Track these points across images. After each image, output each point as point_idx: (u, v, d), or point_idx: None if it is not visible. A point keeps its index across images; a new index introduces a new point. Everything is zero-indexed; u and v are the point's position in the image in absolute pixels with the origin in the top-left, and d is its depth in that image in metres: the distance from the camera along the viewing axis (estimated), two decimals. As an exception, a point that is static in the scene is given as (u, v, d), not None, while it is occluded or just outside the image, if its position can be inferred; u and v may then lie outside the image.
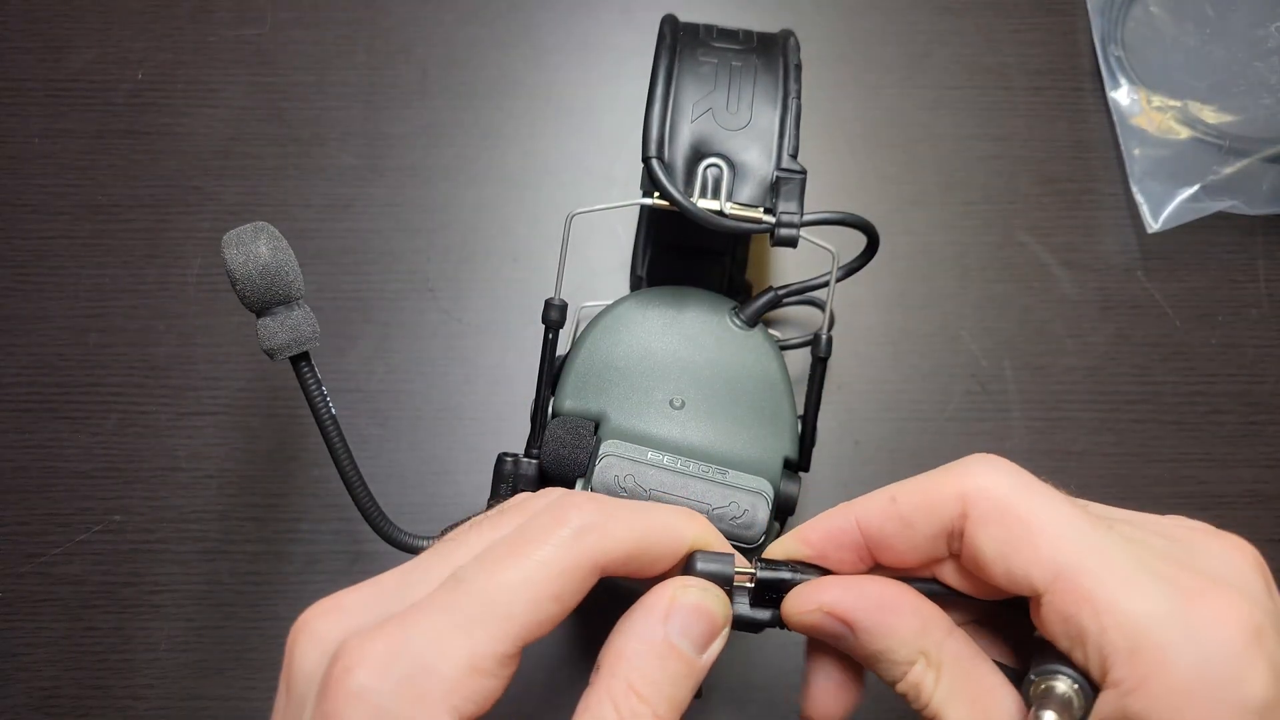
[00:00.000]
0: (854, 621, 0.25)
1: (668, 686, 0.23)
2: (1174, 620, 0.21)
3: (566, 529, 0.23)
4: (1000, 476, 0.24)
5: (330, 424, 0.33)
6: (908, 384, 0.50)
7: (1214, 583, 0.22)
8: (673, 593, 0.24)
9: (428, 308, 0.50)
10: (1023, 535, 0.23)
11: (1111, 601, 0.21)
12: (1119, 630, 0.21)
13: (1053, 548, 0.22)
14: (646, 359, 0.37)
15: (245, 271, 0.31)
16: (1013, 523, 0.23)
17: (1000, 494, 0.23)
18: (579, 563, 0.23)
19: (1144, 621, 0.21)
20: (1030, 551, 0.23)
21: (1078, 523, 0.23)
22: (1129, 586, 0.21)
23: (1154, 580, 0.22)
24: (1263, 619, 0.21)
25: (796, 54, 0.37)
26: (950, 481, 0.24)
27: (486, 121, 0.54)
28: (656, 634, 0.24)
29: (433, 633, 0.22)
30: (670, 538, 0.25)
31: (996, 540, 0.23)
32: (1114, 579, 0.22)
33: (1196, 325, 0.51)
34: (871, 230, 0.36)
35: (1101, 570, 0.22)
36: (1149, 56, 0.54)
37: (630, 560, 0.24)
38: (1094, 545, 0.22)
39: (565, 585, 0.23)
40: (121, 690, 0.45)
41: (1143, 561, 0.22)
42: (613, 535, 0.24)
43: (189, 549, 0.46)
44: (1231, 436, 0.49)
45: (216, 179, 0.52)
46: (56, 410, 0.48)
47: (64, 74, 0.54)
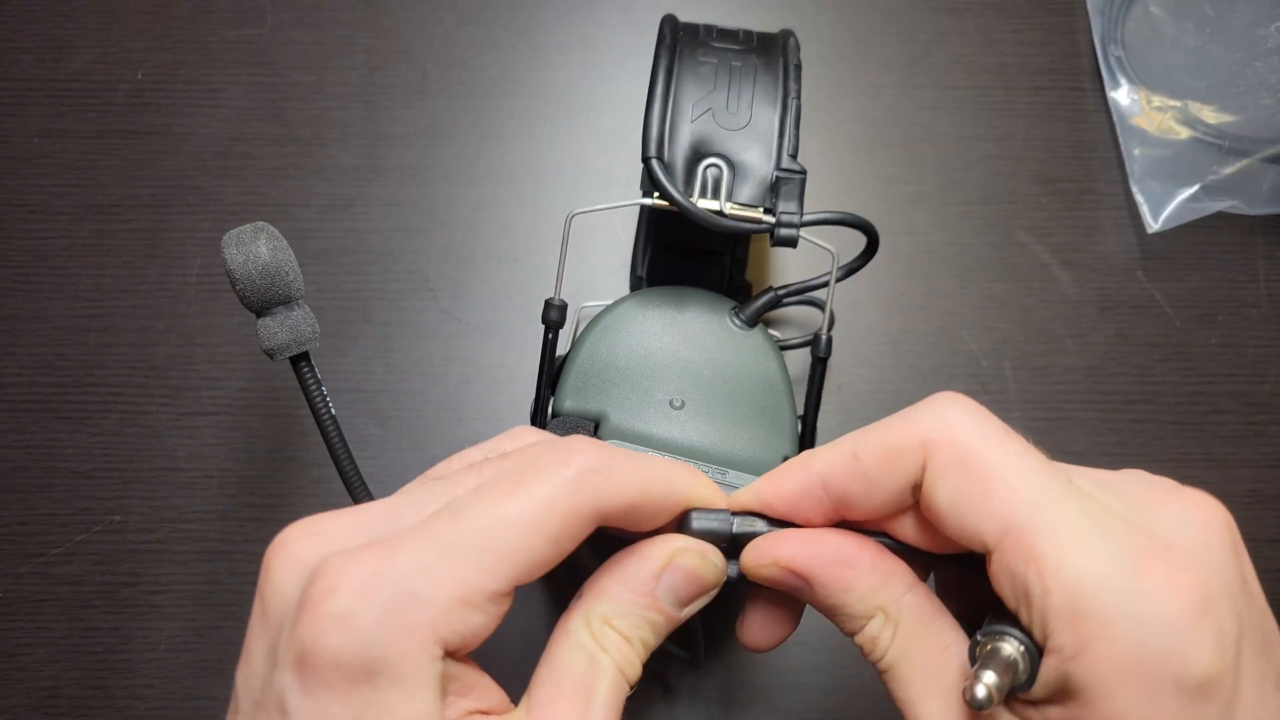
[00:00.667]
0: (810, 576, 0.25)
1: (645, 632, 0.24)
2: (1119, 586, 0.20)
3: (570, 470, 0.23)
4: (963, 421, 0.23)
5: (330, 424, 0.33)
6: (908, 384, 0.50)
7: (1166, 548, 0.21)
8: (672, 552, 0.24)
9: (428, 308, 0.50)
10: (978, 487, 0.22)
11: (1057, 561, 0.21)
12: (1062, 593, 0.20)
13: (1005, 502, 0.22)
14: (646, 359, 0.37)
15: (245, 271, 0.31)
16: (970, 474, 0.22)
17: (961, 442, 0.23)
18: (579, 507, 0.22)
19: (1088, 586, 0.20)
20: (983, 504, 0.22)
21: (1035, 476, 0.22)
22: (1077, 547, 0.21)
23: (1105, 541, 0.21)
24: (1215, 587, 0.20)
25: (796, 54, 0.37)
26: (911, 429, 0.24)
27: (486, 121, 0.54)
28: (646, 586, 0.24)
29: (423, 560, 0.21)
30: (669, 492, 0.25)
31: (952, 492, 0.23)
32: (1063, 538, 0.21)
33: (1196, 325, 0.51)
34: (871, 230, 0.36)
35: (1051, 528, 0.21)
36: (1149, 56, 0.54)
37: (630, 511, 0.24)
38: (1048, 501, 0.21)
39: (564, 528, 0.22)
40: (121, 690, 0.45)
41: (1096, 520, 0.21)
42: (615, 482, 0.23)
43: (189, 549, 0.46)
44: (1231, 436, 0.49)
45: (216, 179, 0.52)
46: (56, 410, 0.48)
47: (64, 74, 0.54)
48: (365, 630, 0.20)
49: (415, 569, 0.21)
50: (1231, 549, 0.22)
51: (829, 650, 0.45)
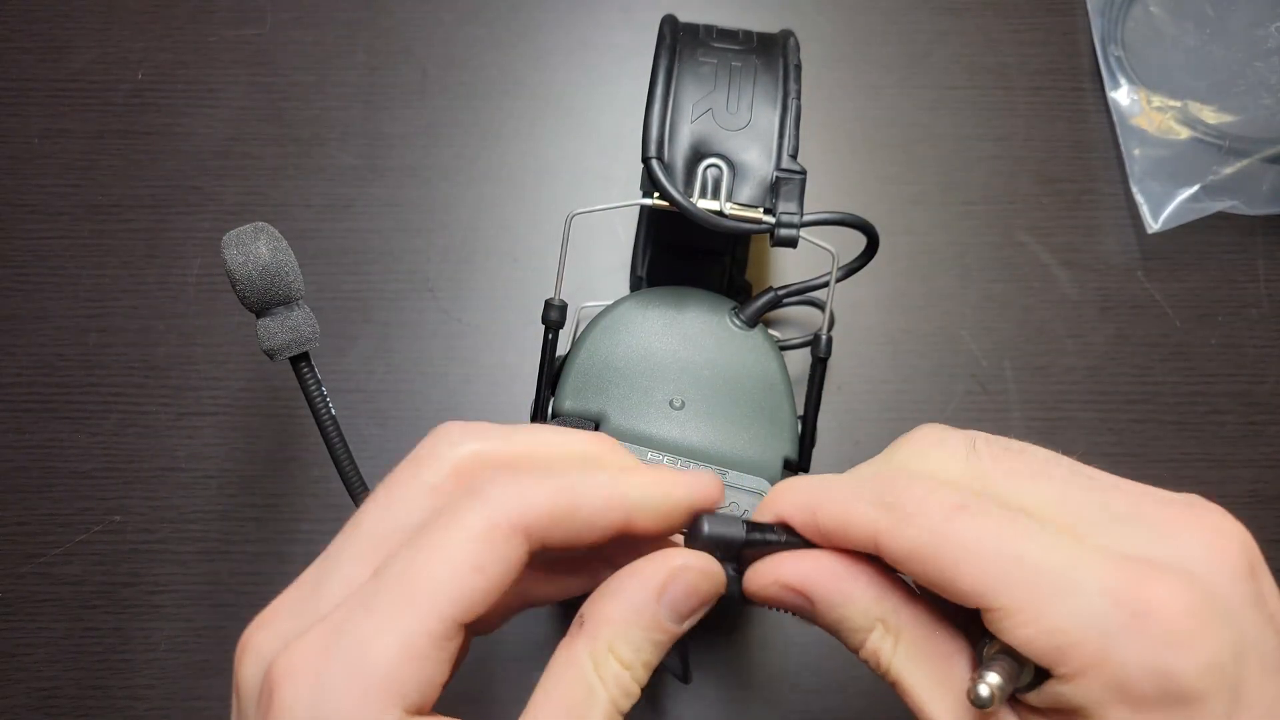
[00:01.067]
0: (811, 594, 0.25)
1: (647, 654, 0.24)
2: (1108, 621, 0.21)
3: (479, 499, 0.23)
4: (912, 512, 0.23)
5: (330, 424, 0.33)
6: (908, 384, 0.50)
7: (1159, 571, 0.21)
8: (672, 570, 0.24)
9: (428, 308, 0.50)
10: (939, 567, 0.23)
11: (1035, 617, 0.21)
12: (1046, 642, 0.21)
13: (972, 573, 0.22)
14: (646, 359, 0.37)
15: (245, 272, 0.31)
16: (926, 556, 0.23)
17: (909, 534, 0.23)
18: (493, 528, 0.22)
19: (1069, 630, 0.21)
20: (953, 583, 0.22)
21: (999, 538, 0.22)
22: (1054, 596, 0.21)
23: (1087, 581, 0.21)
24: (1209, 605, 0.21)
25: (796, 54, 0.37)
26: (867, 515, 0.24)
27: (486, 121, 0.54)
28: (648, 608, 0.24)
29: (361, 627, 0.22)
30: (603, 497, 0.24)
31: (917, 574, 0.23)
32: (1036, 598, 0.21)
33: (1196, 325, 0.51)
34: (871, 230, 0.36)
35: (1022, 592, 0.21)
36: (1149, 56, 0.54)
37: (557, 523, 0.23)
38: (1014, 558, 0.22)
39: (484, 554, 0.22)
40: (121, 690, 0.45)
41: (1076, 562, 0.22)
42: (529, 498, 0.23)
43: (189, 549, 0.46)
44: (1231, 436, 0.49)
45: (216, 179, 0.52)
46: (56, 410, 0.48)
47: (64, 74, 0.54)
48: (321, 709, 0.21)
49: (356, 639, 0.21)
50: (1245, 570, 0.22)
51: (829, 651, 0.45)
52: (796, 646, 0.45)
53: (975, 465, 0.25)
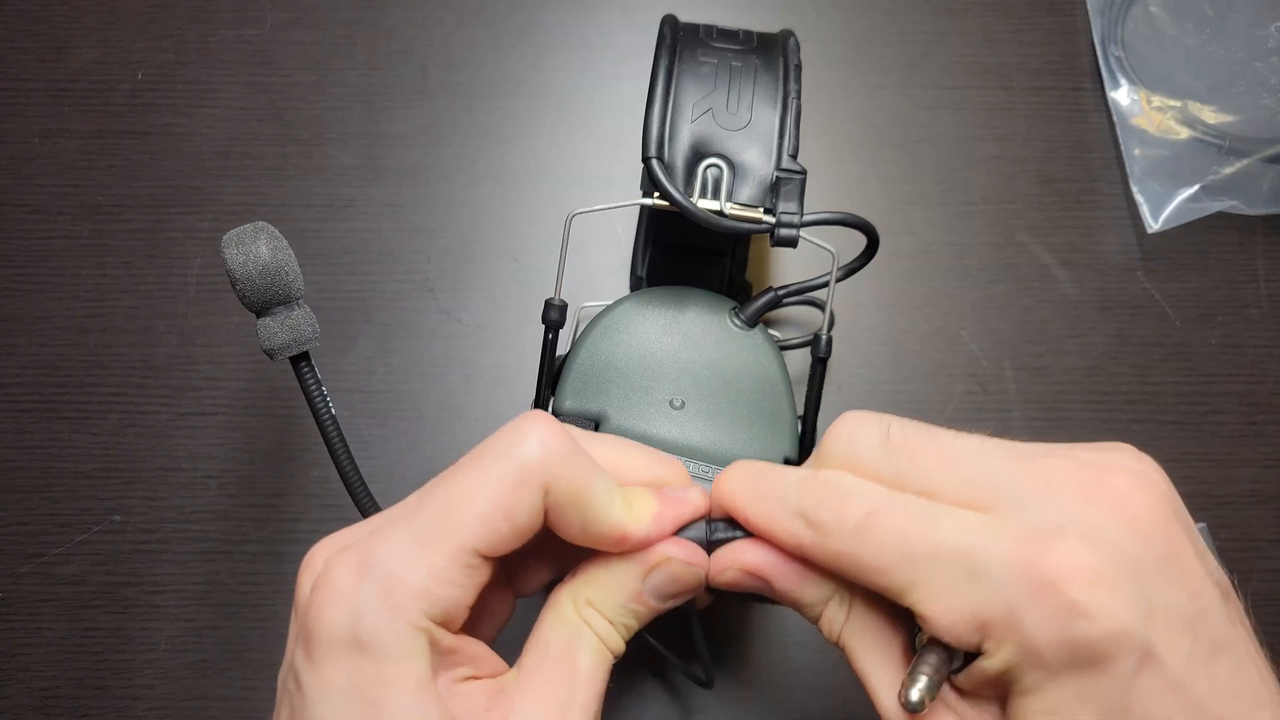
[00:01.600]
0: (768, 577, 0.27)
1: (625, 618, 0.27)
2: (1010, 594, 0.22)
3: (521, 443, 0.25)
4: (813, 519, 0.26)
5: (330, 424, 0.33)
6: (908, 384, 0.50)
7: (1057, 536, 0.22)
8: (661, 557, 0.27)
9: (428, 308, 0.50)
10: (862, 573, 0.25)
11: (950, 602, 0.23)
12: (964, 623, 0.23)
13: (891, 578, 0.24)
14: (646, 359, 0.37)
15: (245, 271, 0.31)
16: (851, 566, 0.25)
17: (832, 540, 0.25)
18: (527, 477, 0.25)
19: (982, 609, 0.23)
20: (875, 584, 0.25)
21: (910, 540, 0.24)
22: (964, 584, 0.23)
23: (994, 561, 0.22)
24: (1103, 565, 0.22)
25: (796, 54, 0.37)
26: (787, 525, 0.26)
27: (486, 121, 0.54)
28: (632, 582, 0.27)
29: (397, 546, 0.24)
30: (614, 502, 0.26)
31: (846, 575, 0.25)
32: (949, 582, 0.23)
33: (1196, 325, 0.51)
34: (871, 230, 0.36)
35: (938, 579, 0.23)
36: (1149, 56, 0.54)
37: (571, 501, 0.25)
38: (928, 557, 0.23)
39: (512, 498, 0.25)
40: (121, 690, 0.45)
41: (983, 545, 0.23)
42: (564, 456, 0.25)
43: (189, 549, 0.46)
44: (1231, 436, 0.49)
45: (216, 179, 0.52)
46: (56, 410, 0.48)
47: (64, 74, 0.54)
48: (354, 610, 0.23)
49: (391, 556, 0.24)
50: (1159, 525, 0.23)
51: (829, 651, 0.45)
52: (795, 647, 0.45)
53: (889, 453, 0.26)
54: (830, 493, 0.26)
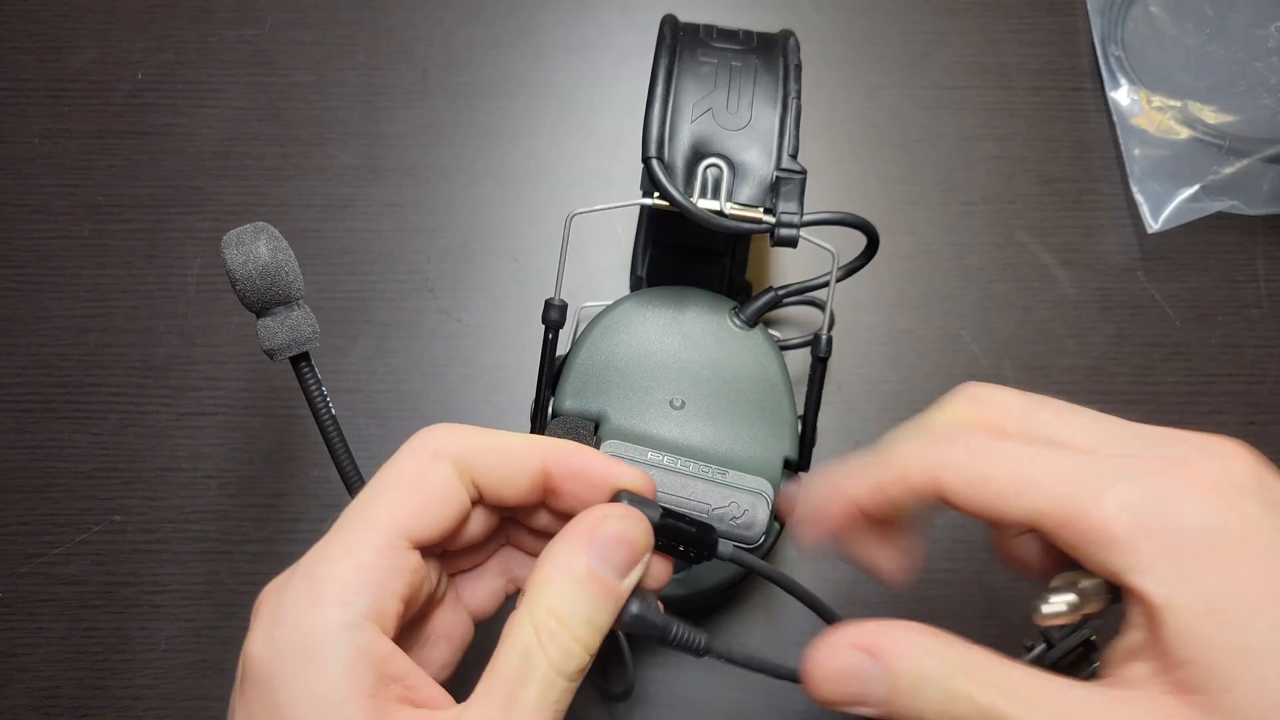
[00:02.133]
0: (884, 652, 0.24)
1: (586, 609, 0.24)
2: (1142, 506, 0.23)
3: (413, 440, 0.26)
4: (961, 449, 0.25)
5: (330, 424, 0.33)
6: (908, 384, 0.50)
7: (1179, 461, 0.23)
8: (594, 520, 0.25)
9: (428, 308, 0.50)
10: (993, 495, 0.24)
11: (1080, 517, 0.23)
12: (1095, 535, 0.23)
13: (1018, 495, 0.24)
14: (646, 359, 0.37)
15: (245, 272, 0.31)
16: (979, 487, 0.24)
17: (964, 466, 0.25)
18: (423, 456, 0.26)
19: (1113, 520, 0.23)
20: (1004, 505, 0.24)
21: (1037, 462, 0.24)
22: (1091, 499, 0.23)
23: (1118, 481, 0.23)
24: (1223, 477, 0.23)
25: (796, 54, 0.37)
26: (923, 462, 0.26)
27: (486, 121, 0.54)
28: (578, 561, 0.25)
29: (319, 553, 0.24)
30: (522, 441, 0.27)
31: (975, 501, 0.25)
32: (1076, 498, 0.23)
33: (1196, 325, 0.51)
34: (871, 230, 0.36)
35: (1064, 496, 0.23)
36: (1149, 56, 0.54)
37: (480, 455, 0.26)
38: (1053, 476, 0.24)
39: (417, 475, 0.25)
40: (121, 690, 0.45)
41: (1106, 469, 0.24)
42: (455, 434, 0.26)
43: (189, 549, 0.46)
44: (1231, 437, 0.49)
45: (216, 179, 0.52)
46: (56, 410, 0.48)
47: (64, 74, 0.54)
48: (276, 621, 0.23)
49: (313, 561, 0.24)
50: (1257, 476, 0.24)
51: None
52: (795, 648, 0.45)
53: (1019, 405, 0.26)
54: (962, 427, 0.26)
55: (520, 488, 0.27)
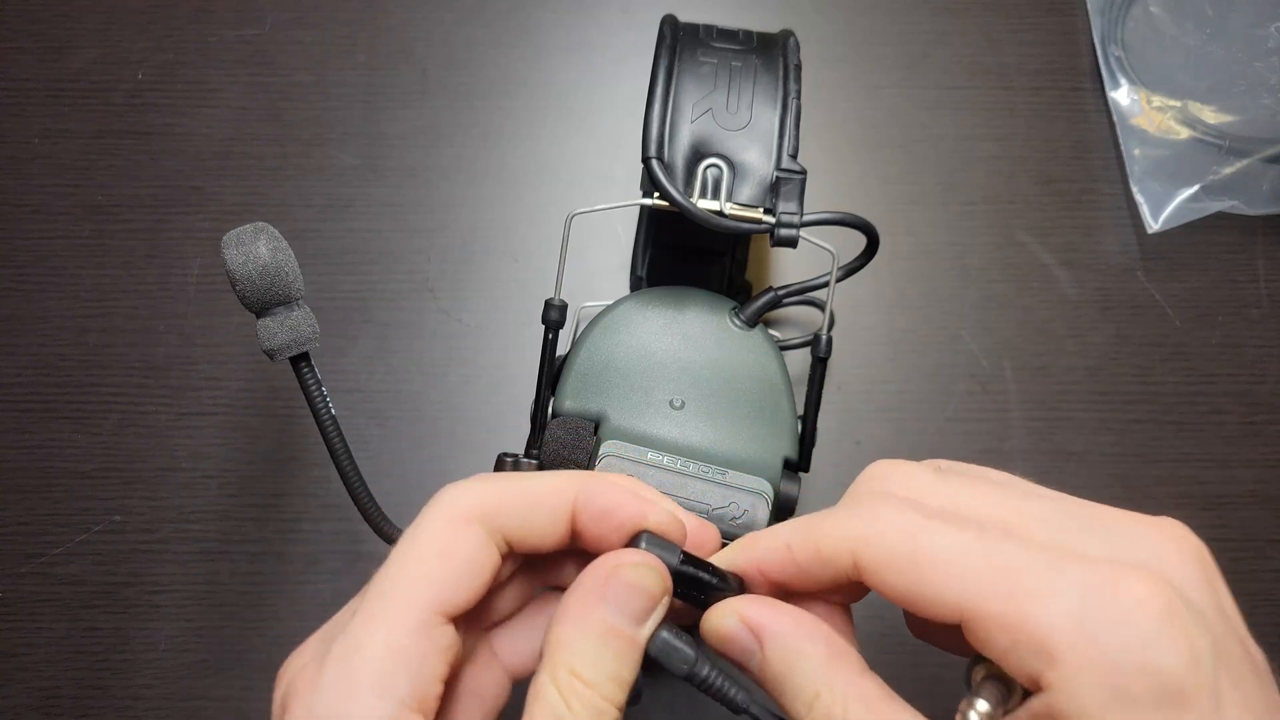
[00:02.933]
0: (766, 633, 0.24)
1: (610, 666, 0.23)
2: (1084, 618, 0.21)
3: (435, 503, 0.25)
4: (885, 525, 0.23)
5: (330, 424, 0.33)
6: (908, 384, 0.50)
7: (1131, 568, 0.21)
8: (607, 570, 0.24)
9: (428, 308, 0.50)
10: (917, 580, 0.22)
11: (1015, 619, 0.21)
12: (1031, 643, 0.21)
13: (947, 584, 0.22)
14: (646, 359, 0.37)
15: (245, 272, 0.31)
16: (902, 569, 0.23)
17: (883, 545, 0.23)
18: (450, 520, 0.24)
19: (1053, 629, 0.21)
20: (930, 593, 0.22)
21: (970, 550, 0.22)
22: (1030, 600, 0.21)
23: (1059, 584, 0.21)
24: (1181, 600, 0.21)
25: (796, 54, 0.37)
26: (839, 530, 0.24)
27: (486, 121, 0.54)
28: (594, 615, 0.24)
29: (349, 633, 0.23)
30: (549, 485, 0.25)
31: (895, 585, 0.23)
32: (1013, 597, 0.21)
33: (1196, 325, 0.51)
34: (871, 230, 0.36)
35: (998, 593, 0.21)
36: (1149, 56, 0.54)
37: (509, 510, 0.25)
38: (988, 568, 0.22)
39: (447, 543, 0.24)
40: (121, 690, 0.45)
41: (1048, 567, 0.21)
42: (479, 490, 0.25)
43: (189, 549, 0.46)
44: (1231, 436, 0.49)
45: (216, 179, 0.52)
46: (56, 410, 0.48)
47: (64, 74, 0.54)
48: (311, 714, 0.22)
49: (346, 644, 0.23)
50: (1203, 577, 0.22)
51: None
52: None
53: (941, 485, 0.24)
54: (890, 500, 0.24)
55: (555, 535, 0.26)
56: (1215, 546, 0.23)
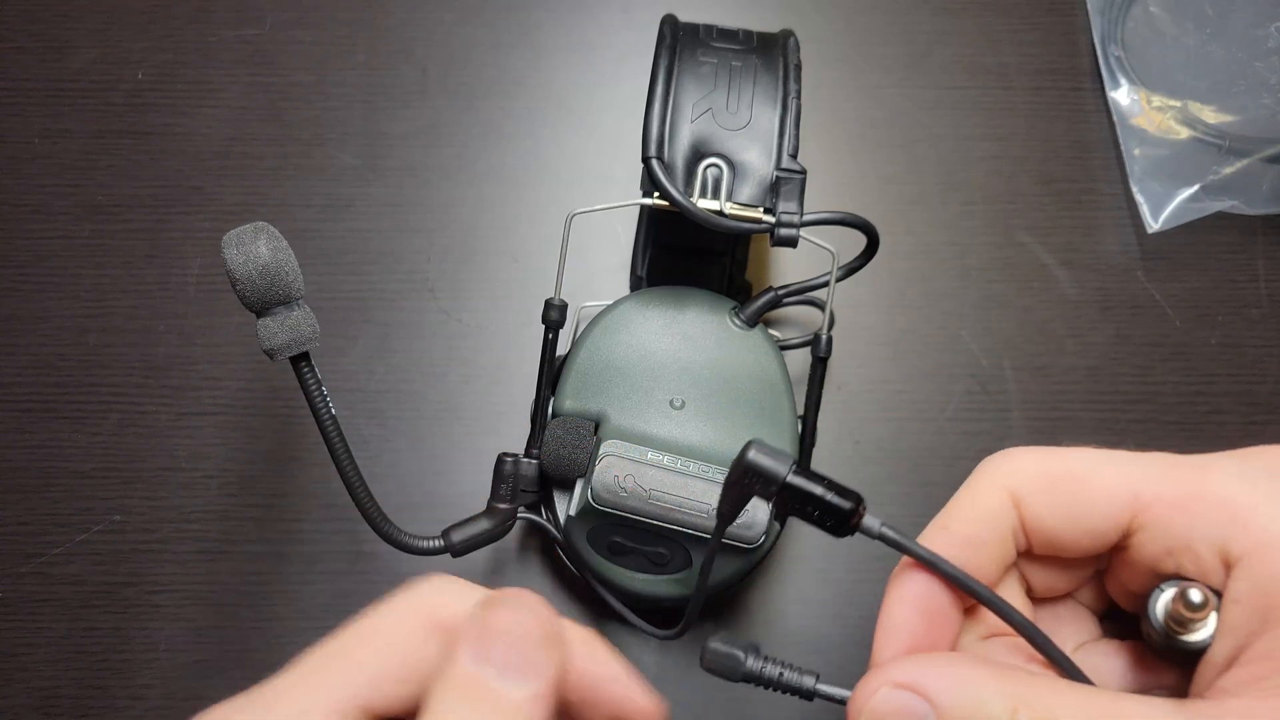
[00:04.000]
0: (932, 690, 0.21)
1: None
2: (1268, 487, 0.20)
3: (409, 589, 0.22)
4: (1026, 455, 0.23)
5: (330, 424, 0.33)
6: (908, 384, 0.50)
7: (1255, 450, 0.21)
8: (481, 611, 0.20)
9: (428, 308, 0.50)
10: (1080, 489, 0.22)
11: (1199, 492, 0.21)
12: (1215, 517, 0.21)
13: (1114, 484, 0.22)
14: (646, 359, 0.37)
15: (245, 272, 0.31)
16: (1065, 483, 0.22)
17: (1038, 468, 0.23)
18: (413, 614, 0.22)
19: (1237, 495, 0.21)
20: (1096, 497, 0.22)
21: (1121, 458, 0.22)
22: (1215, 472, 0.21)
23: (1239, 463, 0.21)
24: None
25: (796, 54, 0.37)
26: (987, 483, 0.23)
27: (486, 121, 0.54)
28: (463, 670, 0.20)
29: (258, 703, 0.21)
30: None
31: (1056, 507, 0.22)
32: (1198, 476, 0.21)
33: (1196, 325, 0.51)
34: (871, 230, 0.36)
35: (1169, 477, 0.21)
36: (1149, 56, 0.54)
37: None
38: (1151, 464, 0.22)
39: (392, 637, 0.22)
40: (121, 690, 0.45)
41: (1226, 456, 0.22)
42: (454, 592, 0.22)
43: (189, 549, 0.46)
44: (1231, 436, 0.49)
45: (216, 179, 0.52)
46: (56, 410, 0.49)
47: (64, 74, 0.54)
48: None
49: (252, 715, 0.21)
50: None
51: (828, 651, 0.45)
52: (793, 647, 0.45)
53: None
54: None
55: None
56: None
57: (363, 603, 0.23)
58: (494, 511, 0.38)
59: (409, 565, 0.46)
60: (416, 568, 0.46)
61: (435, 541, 0.36)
